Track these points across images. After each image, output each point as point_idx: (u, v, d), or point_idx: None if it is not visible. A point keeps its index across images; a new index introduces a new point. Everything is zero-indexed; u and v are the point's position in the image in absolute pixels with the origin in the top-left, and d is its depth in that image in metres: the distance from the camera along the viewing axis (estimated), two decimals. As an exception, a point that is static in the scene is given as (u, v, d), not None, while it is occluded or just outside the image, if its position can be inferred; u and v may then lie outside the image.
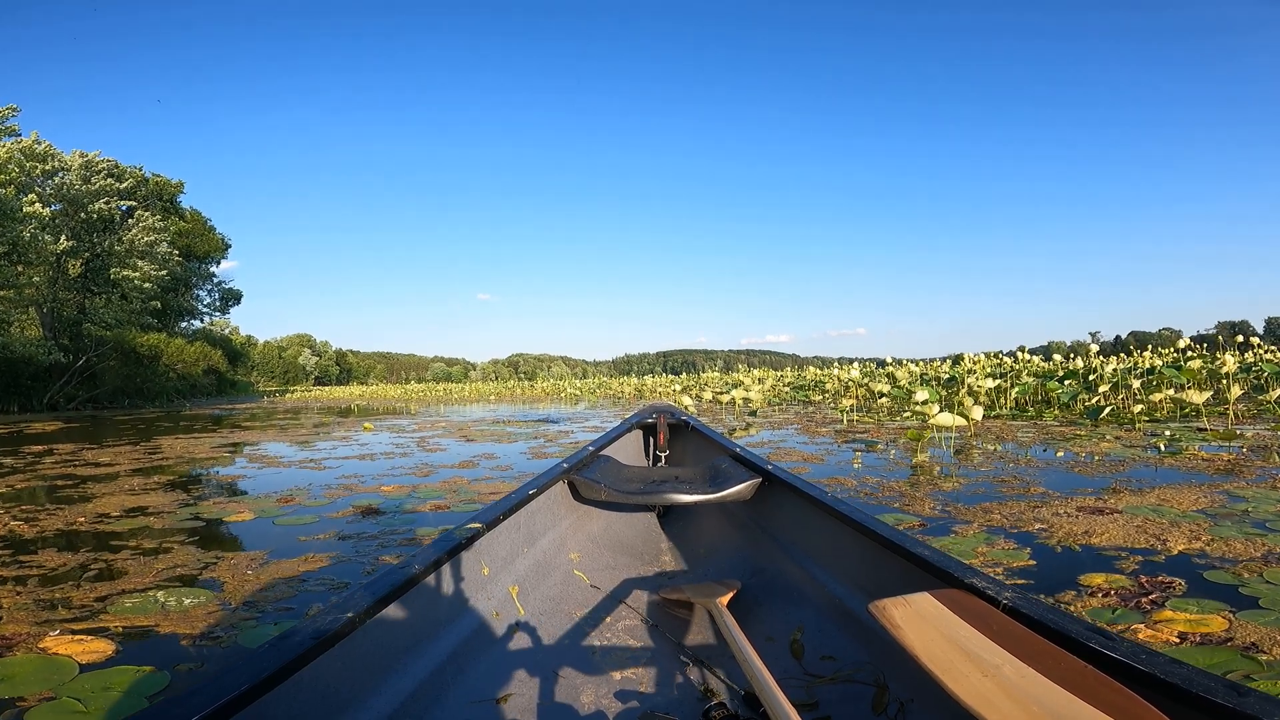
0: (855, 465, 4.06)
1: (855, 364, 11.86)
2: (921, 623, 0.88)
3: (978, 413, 5.24)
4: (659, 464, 2.52)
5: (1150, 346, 11.17)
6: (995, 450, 4.62)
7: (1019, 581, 1.87)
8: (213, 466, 5.03)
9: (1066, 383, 7.98)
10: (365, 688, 0.98)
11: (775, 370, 23.06)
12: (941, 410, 5.39)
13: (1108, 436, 5.14)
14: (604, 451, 2.20)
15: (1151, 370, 7.88)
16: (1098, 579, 1.85)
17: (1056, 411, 7.54)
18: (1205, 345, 11.13)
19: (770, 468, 1.79)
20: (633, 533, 2.02)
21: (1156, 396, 6.76)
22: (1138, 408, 6.31)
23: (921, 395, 5.87)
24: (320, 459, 5.23)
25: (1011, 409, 7.90)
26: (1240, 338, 9.76)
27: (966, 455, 4.39)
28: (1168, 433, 5.28)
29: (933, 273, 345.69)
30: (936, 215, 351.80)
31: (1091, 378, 8.12)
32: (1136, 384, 7.47)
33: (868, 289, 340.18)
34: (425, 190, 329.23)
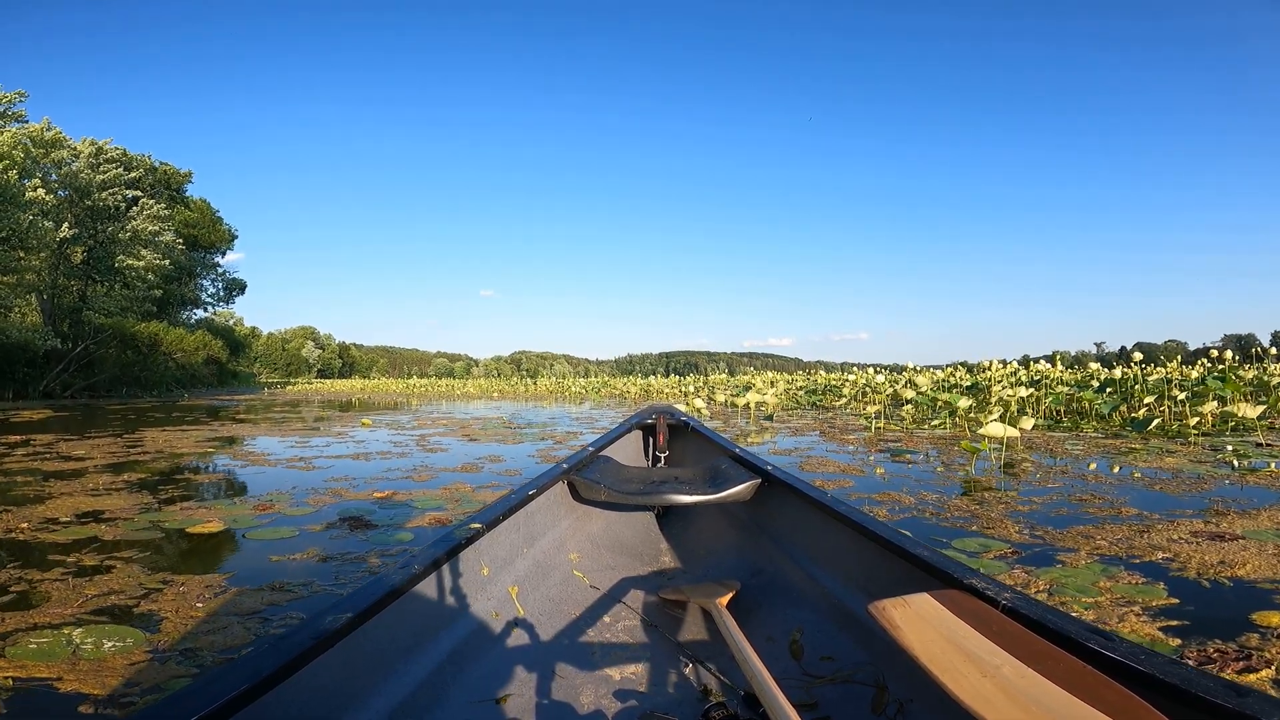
0: (902, 478, 3.64)
1: (875, 369, 11.44)
2: (921, 623, 0.87)
3: (1027, 423, 4.82)
4: (659, 464, 2.47)
5: (1178, 358, 10.72)
6: (1050, 465, 4.19)
7: (1172, 623, 1.55)
8: (192, 464, 4.62)
9: (1106, 392, 7.55)
10: (365, 688, 0.96)
11: (778, 373, 22.64)
12: (965, 418, 4.96)
13: (1167, 451, 4.72)
14: (604, 452, 2.15)
15: (1201, 381, 7.44)
16: (1274, 618, 1.55)
17: (1094, 422, 7.13)
18: (1242, 357, 10.68)
19: (770, 468, 1.74)
20: (632, 533, 1.99)
21: (1204, 408, 6.34)
22: (1193, 420, 5.88)
23: (964, 402, 5.45)
24: (311, 457, 4.83)
25: (1045, 419, 7.47)
26: (1276, 350, 9.31)
27: (1019, 469, 3.97)
28: (1229, 447, 4.87)
29: (936, 278, 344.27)
30: (940, 220, 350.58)
31: (1136, 388, 7.68)
32: (1181, 395, 7.04)
33: (870, 293, 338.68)
34: (430, 186, 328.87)
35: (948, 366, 14.64)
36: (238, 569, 2.01)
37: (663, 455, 2.47)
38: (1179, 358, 10.81)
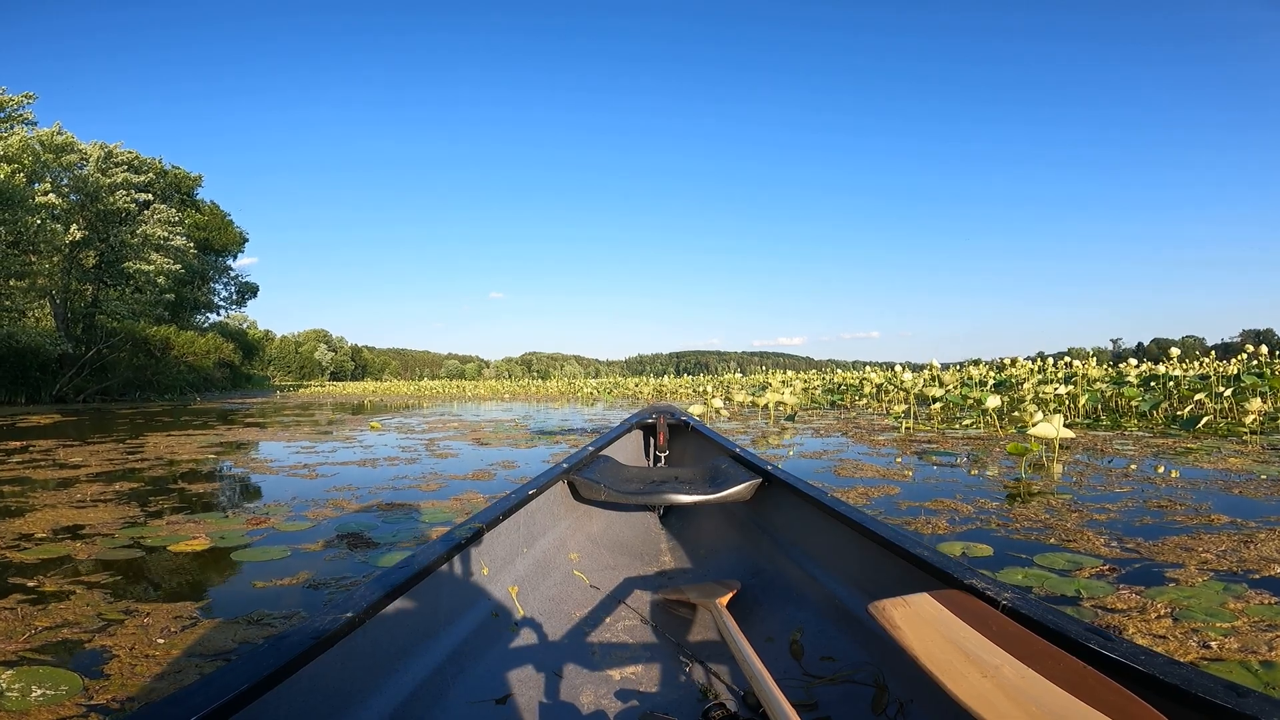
0: (949, 483, 3.34)
1: (903, 366, 11.11)
2: (921, 623, 0.85)
3: (1059, 421, 4.50)
4: (659, 464, 2.46)
5: (1212, 353, 10.34)
6: (1106, 466, 3.88)
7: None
8: (190, 471, 4.39)
9: (1150, 387, 7.20)
10: (365, 688, 0.95)
11: (792, 372, 22.31)
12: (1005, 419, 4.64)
13: (1225, 450, 4.40)
14: (604, 452, 2.14)
15: (1238, 377, 7.08)
16: None
17: (1135, 420, 6.78)
18: (1274, 352, 10.26)
19: (770, 468, 1.72)
20: (633, 533, 1.98)
21: (1252, 405, 5.99)
22: (1248, 418, 5.55)
23: (996, 401, 5.14)
24: (315, 464, 4.59)
25: (1083, 418, 7.13)
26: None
27: (1071, 472, 3.67)
28: (1291, 447, 4.54)
29: (947, 275, 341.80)
30: (951, 217, 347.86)
31: (1170, 385, 7.33)
32: (1228, 392, 6.68)
33: (881, 292, 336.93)
34: (440, 188, 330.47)
35: (968, 363, 14.25)
36: (215, 596, 1.76)
37: (663, 455, 2.46)
38: (1213, 353, 10.40)
